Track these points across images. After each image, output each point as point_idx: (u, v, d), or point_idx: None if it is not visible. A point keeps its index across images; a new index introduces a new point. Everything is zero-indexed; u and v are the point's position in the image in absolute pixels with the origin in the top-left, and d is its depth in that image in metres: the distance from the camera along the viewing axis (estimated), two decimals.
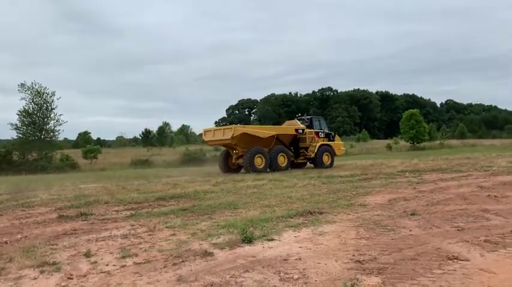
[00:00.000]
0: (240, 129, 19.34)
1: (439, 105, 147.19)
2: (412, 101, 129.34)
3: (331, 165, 21.05)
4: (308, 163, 21.73)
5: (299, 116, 22.99)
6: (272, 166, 19.20)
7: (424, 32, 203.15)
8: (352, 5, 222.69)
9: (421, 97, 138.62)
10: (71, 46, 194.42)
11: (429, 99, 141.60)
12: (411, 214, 6.95)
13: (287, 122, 23.63)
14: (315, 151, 20.79)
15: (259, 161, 19.01)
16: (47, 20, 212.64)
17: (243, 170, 20.16)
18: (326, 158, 21.09)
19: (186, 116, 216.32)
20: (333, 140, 22.24)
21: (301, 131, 21.13)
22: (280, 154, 19.72)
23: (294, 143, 21.30)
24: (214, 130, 20.80)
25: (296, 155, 21.16)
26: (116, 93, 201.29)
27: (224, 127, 20.63)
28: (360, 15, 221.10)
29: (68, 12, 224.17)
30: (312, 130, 21.59)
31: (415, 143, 50.99)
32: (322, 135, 21.87)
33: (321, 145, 21.09)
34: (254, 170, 18.29)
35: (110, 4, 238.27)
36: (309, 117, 22.67)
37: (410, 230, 5.77)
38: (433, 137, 57.63)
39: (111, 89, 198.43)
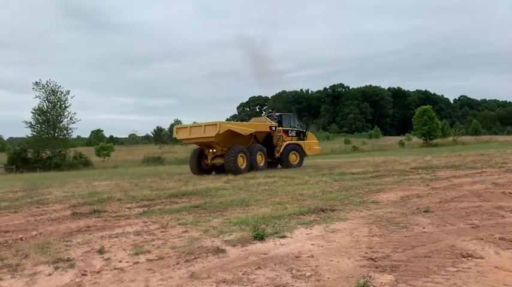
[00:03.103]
0: (225, 125, 18.03)
1: (452, 102, 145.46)
2: (425, 97, 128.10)
3: (299, 164, 20.15)
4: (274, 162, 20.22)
5: (269, 113, 22.04)
6: (252, 166, 18.02)
7: (434, 27, 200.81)
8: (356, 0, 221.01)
9: (433, 93, 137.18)
10: (77, 43, 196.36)
11: (442, 96, 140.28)
12: (424, 211, 6.89)
13: (254, 119, 22.56)
14: (281, 150, 19.81)
15: (241, 161, 17.77)
16: (51, 18, 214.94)
17: (214, 172, 18.86)
18: (293, 157, 20.19)
19: (197, 113, 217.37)
20: (304, 139, 21.19)
21: (274, 128, 20.11)
22: (258, 153, 18.76)
23: (267, 141, 20.09)
24: (190, 127, 18.96)
25: (269, 154, 19.78)
26: (126, 90, 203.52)
27: (205, 123, 18.51)
28: (366, 11, 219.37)
29: (72, 9, 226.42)
30: (281, 128, 20.48)
31: (428, 139, 50.38)
32: (292, 133, 20.87)
33: (288, 144, 20.14)
34: (237, 171, 16.94)
35: (115, 1, 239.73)
36: (278, 114, 21.56)
37: (423, 228, 5.71)
38: (446, 134, 57.03)
39: (121, 87, 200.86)
